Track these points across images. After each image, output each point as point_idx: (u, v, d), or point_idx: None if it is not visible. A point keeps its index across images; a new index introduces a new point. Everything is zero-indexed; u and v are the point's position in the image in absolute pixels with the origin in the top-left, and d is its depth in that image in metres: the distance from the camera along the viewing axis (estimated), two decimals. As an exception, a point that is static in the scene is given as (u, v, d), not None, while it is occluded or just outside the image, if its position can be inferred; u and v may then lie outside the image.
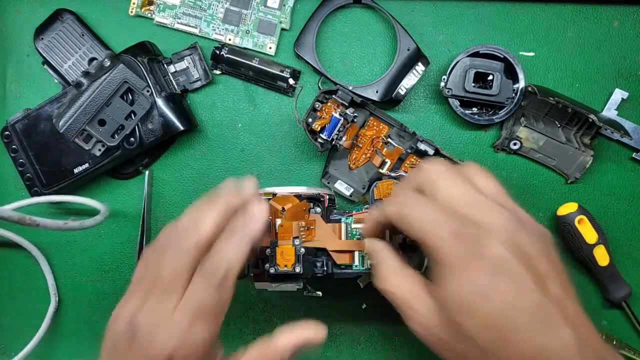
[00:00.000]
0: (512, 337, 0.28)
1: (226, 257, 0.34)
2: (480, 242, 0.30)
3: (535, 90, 0.49)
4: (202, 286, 0.33)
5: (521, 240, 0.30)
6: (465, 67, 0.49)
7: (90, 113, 0.46)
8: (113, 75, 0.47)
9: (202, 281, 0.33)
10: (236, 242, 0.34)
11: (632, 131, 0.51)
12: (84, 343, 0.55)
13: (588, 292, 0.53)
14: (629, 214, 0.53)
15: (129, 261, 0.54)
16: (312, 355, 0.54)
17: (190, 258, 0.34)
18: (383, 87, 0.51)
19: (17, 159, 0.51)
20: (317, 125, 0.48)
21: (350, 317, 0.54)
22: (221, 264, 0.34)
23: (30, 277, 0.55)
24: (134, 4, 0.52)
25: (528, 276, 0.29)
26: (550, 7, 0.52)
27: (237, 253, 0.34)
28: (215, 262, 0.34)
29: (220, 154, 0.54)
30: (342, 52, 0.53)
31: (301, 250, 0.41)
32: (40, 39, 0.51)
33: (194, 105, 0.53)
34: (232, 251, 0.34)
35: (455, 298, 0.30)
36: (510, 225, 0.31)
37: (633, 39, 0.52)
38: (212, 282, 0.33)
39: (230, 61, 0.51)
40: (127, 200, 0.54)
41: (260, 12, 0.52)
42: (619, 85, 0.52)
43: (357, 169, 0.52)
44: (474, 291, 0.29)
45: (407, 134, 0.50)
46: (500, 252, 0.29)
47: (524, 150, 0.52)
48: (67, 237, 0.55)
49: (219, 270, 0.33)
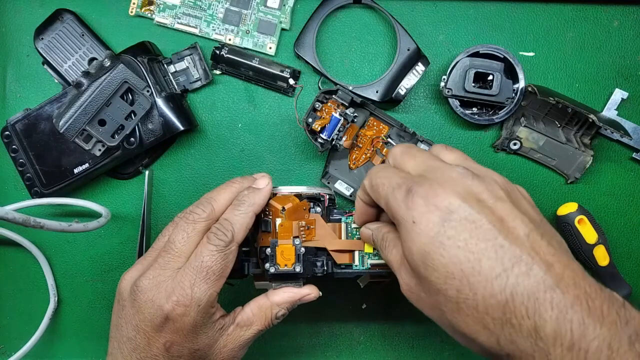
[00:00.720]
0: (477, 283, 0.28)
1: (232, 223, 0.38)
2: (429, 195, 0.30)
3: (535, 90, 0.49)
4: (208, 249, 0.37)
5: (475, 189, 0.30)
6: (465, 67, 0.49)
7: (90, 113, 0.46)
8: (113, 75, 0.47)
9: (208, 244, 0.37)
10: (242, 210, 0.39)
11: (632, 131, 0.51)
12: (84, 343, 0.55)
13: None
14: (629, 214, 0.53)
15: (129, 261, 0.54)
16: (312, 355, 0.54)
17: (201, 226, 0.38)
18: (383, 87, 0.51)
19: (17, 159, 0.51)
20: (317, 125, 0.48)
21: (350, 317, 0.54)
22: (227, 228, 0.38)
23: (30, 276, 0.55)
24: (134, 4, 0.52)
25: (482, 220, 0.29)
26: (550, 7, 0.52)
27: (242, 220, 0.38)
28: (221, 228, 0.38)
29: (220, 154, 0.54)
30: (342, 52, 0.53)
31: (301, 249, 0.41)
32: (40, 39, 0.51)
33: (194, 105, 0.53)
34: (237, 218, 0.38)
35: (414, 253, 0.30)
36: (463, 178, 0.31)
37: (633, 39, 0.52)
38: (217, 246, 0.37)
39: (230, 61, 0.51)
40: (127, 200, 0.54)
41: (260, 12, 0.52)
42: (619, 85, 0.52)
43: (357, 169, 0.52)
44: (428, 242, 0.29)
45: (407, 134, 0.50)
46: (449, 201, 0.29)
47: (524, 150, 0.52)
48: (67, 237, 0.55)
49: (224, 235, 0.37)
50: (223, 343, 0.38)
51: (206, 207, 0.39)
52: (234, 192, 0.40)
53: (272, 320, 0.40)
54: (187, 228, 0.38)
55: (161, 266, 0.37)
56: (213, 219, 0.39)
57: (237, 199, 0.40)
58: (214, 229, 0.38)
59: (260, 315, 0.40)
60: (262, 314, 0.40)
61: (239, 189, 0.41)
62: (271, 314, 0.40)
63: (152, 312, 0.36)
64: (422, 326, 0.54)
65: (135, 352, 0.36)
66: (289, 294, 0.41)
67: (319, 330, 0.54)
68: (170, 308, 0.35)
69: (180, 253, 0.37)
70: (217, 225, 0.38)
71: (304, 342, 0.54)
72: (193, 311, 0.36)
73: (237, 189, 0.41)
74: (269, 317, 0.40)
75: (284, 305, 0.40)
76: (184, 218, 0.38)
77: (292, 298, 0.41)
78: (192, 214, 0.38)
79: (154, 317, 0.36)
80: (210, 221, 0.39)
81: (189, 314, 0.36)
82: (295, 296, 0.41)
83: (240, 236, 0.38)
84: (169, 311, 0.35)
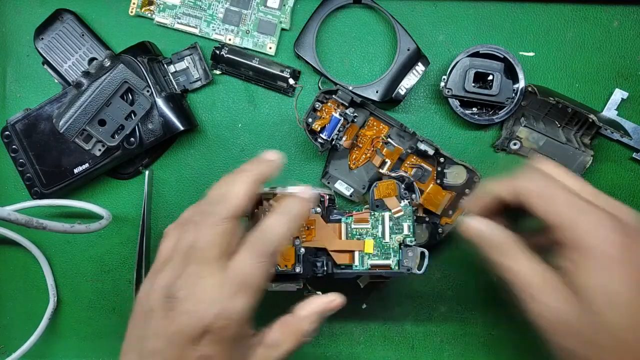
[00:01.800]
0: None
1: (276, 235, 0.35)
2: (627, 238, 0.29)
3: (535, 90, 0.49)
4: (250, 261, 0.34)
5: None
6: (465, 67, 0.49)
7: (90, 113, 0.46)
8: (113, 75, 0.47)
9: (250, 256, 0.34)
10: (287, 222, 0.36)
11: (632, 131, 0.51)
12: (84, 343, 0.55)
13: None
14: (629, 214, 0.53)
15: (129, 261, 0.54)
16: (312, 355, 0.54)
17: (226, 227, 0.34)
18: (383, 87, 0.51)
19: (17, 159, 0.51)
20: (317, 125, 0.48)
21: (350, 317, 0.54)
22: (271, 241, 0.35)
23: (30, 276, 0.55)
24: (134, 4, 0.52)
25: None
26: (550, 7, 0.52)
27: (287, 233, 0.35)
28: (265, 239, 0.35)
29: (220, 154, 0.54)
30: (342, 52, 0.53)
31: (301, 250, 0.41)
32: (40, 39, 0.51)
33: (194, 105, 0.53)
34: (281, 229, 0.35)
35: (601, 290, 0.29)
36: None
37: (633, 39, 0.52)
38: (260, 258, 0.34)
39: (230, 61, 0.51)
40: (127, 200, 0.54)
41: (260, 12, 0.52)
42: (619, 85, 0.52)
43: (357, 169, 0.52)
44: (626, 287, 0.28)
45: (407, 134, 0.50)
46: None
47: (524, 150, 0.52)
48: (67, 237, 0.55)
49: (268, 247, 0.34)
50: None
51: (224, 204, 0.35)
52: (252, 180, 0.36)
53: (301, 337, 0.37)
54: (210, 231, 0.34)
55: (195, 274, 0.34)
56: (237, 216, 0.35)
57: (282, 207, 0.37)
58: (257, 240, 0.35)
59: (287, 334, 0.37)
60: (290, 332, 0.37)
61: (256, 177, 0.37)
62: (299, 331, 0.37)
63: (191, 324, 0.33)
64: (422, 326, 0.54)
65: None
66: (314, 304, 0.38)
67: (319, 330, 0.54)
68: (211, 320, 0.32)
69: (210, 259, 0.34)
70: (259, 235, 0.35)
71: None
72: (233, 324, 0.33)
73: (254, 177, 0.37)
74: (298, 334, 0.37)
75: (311, 318, 0.38)
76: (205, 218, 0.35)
77: (318, 307, 0.38)
78: (211, 215, 0.35)
79: (192, 330, 0.33)
80: (235, 220, 0.35)
81: (230, 327, 0.33)
82: (321, 305, 0.38)
83: (282, 248, 0.36)
84: (210, 323, 0.32)
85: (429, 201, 0.49)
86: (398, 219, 0.43)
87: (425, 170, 0.50)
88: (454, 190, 0.49)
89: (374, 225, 0.43)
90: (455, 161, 0.49)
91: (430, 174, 0.50)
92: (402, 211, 0.43)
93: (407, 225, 0.43)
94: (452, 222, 0.50)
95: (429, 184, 0.50)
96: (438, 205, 0.49)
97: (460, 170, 0.49)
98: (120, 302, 0.55)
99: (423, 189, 0.49)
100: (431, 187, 0.49)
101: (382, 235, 0.43)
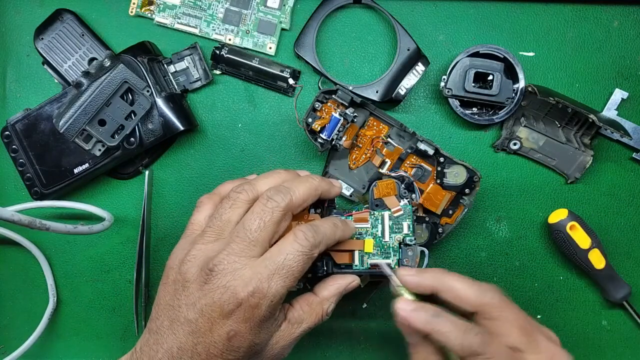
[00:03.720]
0: None
1: (325, 234, 0.38)
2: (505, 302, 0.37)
3: (535, 90, 0.49)
4: (294, 247, 0.36)
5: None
6: (465, 67, 0.49)
7: (90, 113, 0.46)
8: (113, 75, 0.47)
9: (295, 243, 0.36)
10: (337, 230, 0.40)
11: (632, 131, 0.51)
12: (83, 343, 0.55)
13: (587, 293, 0.53)
14: (628, 214, 0.53)
15: (129, 261, 0.54)
16: (312, 355, 0.54)
17: (278, 218, 0.37)
18: (383, 87, 0.51)
19: (17, 159, 0.51)
20: (317, 125, 0.48)
21: (350, 317, 0.54)
22: (318, 233, 0.37)
23: (30, 276, 0.55)
24: (134, 4, 0.52)
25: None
26: (550, 7, 0.52)
27: (333, 237, 0.39)
28: (312, 231, 0.37)
29: (220, 154, 0.54)
30: (342, 52, 0.53)
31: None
32: (40, 39, 0.51)
33: (194, 105, 0.53)
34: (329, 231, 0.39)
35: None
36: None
37: (633, 39, 0.52)
38: (304, 247, 0.36)
39: (230, 61, 0.51)
40: (127, 200, 0.54)
41: (260, 12, 0.52)
42: (619, 85, 0.52)
43: (357, 169, 0.52)
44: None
45: (407, 133, 0.50)
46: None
47: (524, 150, 0.52)
48: (67, 237, 0.55)
49: (314, 238, 0.37)
50: (275, 340, 0.38)
51: (286, 197, 0.38)
52: (313, 189, 0.40)
53: (323, 316, 0.40)
54: (264, 216, 0.37)
55: (236, 252, 0.36)
56: (289, 212, 0.38)
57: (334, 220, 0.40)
58: (305, 229, 0.37)
59: (310, 312, 0.39)
60: (313, 311, 0.39)
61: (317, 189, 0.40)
62: (322, 310, 0.40)
63: (225, 299, 0.35)
64: (422, 326, 0.54)
65: (193, 335, 0.35)
66: (336, 286, 0.41)
67: (319, 330, 0.54)
68: (245, 297, 0.34)
69: (255, 241, 0.36)
70: (308, 227, 0.37)
71: (303, 342, 0.54)
72: (265, 304, 0.35)
73: (316, 188, 0.40)
74: (320, 313, 0.40)
75: (332, 299, 0.40)
76: (261, 204, 0.37)
77: (339, 289, 0.40)
78: (271, 200, 0.37)
79: (225, 304, 0.35)
80: (287, 215, 0.38)
81: (262, 306, 0.35)
82: (342, 286, 0.41)
83: (324, 247, 0.38)
84: (243, 299, 0.34)
85: (429, 201, 0.49)
86: (398, 218, 0.43)
87: (425, 170, 0.50)
88: (454, 190, 0.49)
89: (373, 225, 0.43)
90: (455, 161, 0.49)
91: (430, 173, 0.50)
92: (402, 210, 0.43)
93: (407, 224, 0.43)
94: (452, 222, 0.50)
95: (429, 184, 0.50)
96: (438, 205, 0.49)
97: (460, 169, 0.49)
98: (120, 302, 0.55)
99: (423, 189, 0.49)
100: (431, 187, 0.49)
101: (381, 235, 0.43)
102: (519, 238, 0.53)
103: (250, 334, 0.35)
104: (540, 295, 0.53)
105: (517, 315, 0.36)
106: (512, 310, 0.36)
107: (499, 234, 0.53)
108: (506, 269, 0.53)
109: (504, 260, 0.53)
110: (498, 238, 0.53)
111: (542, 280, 0.53)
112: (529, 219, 0.53)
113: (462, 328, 0.34)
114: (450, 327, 0.35)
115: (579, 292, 0.53)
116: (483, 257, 0.53)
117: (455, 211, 0.50)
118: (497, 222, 0.53)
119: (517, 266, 0.53)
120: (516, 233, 0.53)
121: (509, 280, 0.53)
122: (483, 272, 0.53)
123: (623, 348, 0.53)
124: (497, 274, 0.53)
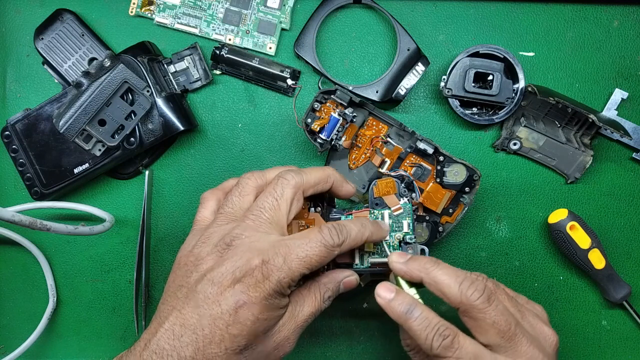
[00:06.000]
0: None
1: (349, 234, 0.38)
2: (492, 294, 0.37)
3: (535, 90, 0.49)
4: (319, 243, 0.36)
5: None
6: (465, 67, 0.49)
7: (90, 113, 0.46)
8: (113, 75, 0.47)
9: (320, 239, 0.36)
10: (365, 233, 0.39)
11: (632, 131, 0.51)
12: (83, 343, 0.55)
13: (587, 293, 0.53)
14: (628, 214, 0.53)
15: (129, 261, 0.54)
16: (312, 355, 0.54)
17: (290, 195, 0.38)
18: (383, 87, 0.51)
19: (17, 159, 0.51)
20: (317, 126, 0.48)
21: (350, 316, 0.54)
22: (343, 233, 0.37)
23: (30, 276, 0.55)
24: (134, 4, 0.52)
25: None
26: (550, 7, 0.52)
27: (358, 239, 0.38)
28: (338, 229, 0.37)
29: (220, 154, 0.54)
30: (342, 52, 0.53)
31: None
32: (40, 39, 0.51)
33: (194, 105, 0.53)
34: (354, 232, 0.38)
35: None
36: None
37: (633, 39, 0.52)
38: (327, 241, 0.36)
39: (230, 61, 0.51)
40: (127, 200, 0.54)
41: (260, 12, 0.52)
42: (619, 85, 0.52)
43: (357, 168, 0.52)
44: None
45: (407, 133, 0.50)
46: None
47: (524, 150, 0.52)
48: (67, 237, 0.55)
49: (338, 236, 0.37)
50: (282, 322, 0.37)
51: (297, 175, 0.39)
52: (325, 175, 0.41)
53: (322, 302, 0.40)
54: (276, 193, 0.38)
55: (252, 227, 0.37)
56: (300, 188, 0.39)
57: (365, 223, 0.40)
58: (331, 226, 0.37)
59: (309, 295, 0.39)
60: (312, 294, 0.39)
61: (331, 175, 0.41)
62: (320, 295, 0.40)
63: (238, 265, 0.35)
64: (422, 326, 0.54)
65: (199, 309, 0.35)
66: (334, 274, 0.41)
67: (319, 330, 0.54)
68: (258, 264, 0.35)
69: (270, 219, 0.37)
70: (335, 225, 0.38)
71: (304, 341, 0.54)
72: (276, 278, 0.35)
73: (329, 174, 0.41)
74: (318, 297, 0.39)
75: (330, 286, 0.40)
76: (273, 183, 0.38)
77: (336, 278, 0.41)
78: (282, 179, 0.38)
79: (238, 270, 0.35)
80: (297, 197, 0.39)
81: (272, 278, 0.35)
82: (339, 276, 0.41)
83: (346, 247, 0.38)
84: (256, 266, 0.34)
85: (429, 200, 0.49)
86: (398, 216, 0.43)
87: (425, 169, 0.50)
88: (454, 189, 0.49)
89: (373, 225, 0.43)
90: (454, 159, 0.49)
91: (430, 172, 0.50)
92: (402, 209, 0.43)
93: (407, 222, 0.43)
94: (452, 221, 0.50)
95: (429, 183, 0.50)
96: (438, 204, 0.49)
97: (460, 168, 0.49)
98: (120, 302, 0.55)
99: (423, 188, 0.49)
100: (431, 186, 0.49)
101: (382, 235, 0.43)
102: (519, 238, 0.53)
103: (256, 307, 0.35)
104: (540, 295, 0.53)
105: (498, 318, 0.36)
106: (492, 313, 0.36)
107: (499, 233, 0.53)
108: (506, 269, 0.53)
109: (504, 260, 0.53)
110: (498, 238, 0.53)
111: (542, 280, 0.53)
112: (529, 219, 0.53)
113: (432, 325, 0.36)
114: (420, 324, 0.36)
115: (578, 292, 0.53)
116: (483, 257, 0.53)
117: (456, 210, 0.50)
118: (497, 222, 0.53)
119: (517, 266, 0.53)
120: (516, 233, 0.53)
121: (509, 280, 0.53)
122: (483, 271, 0.53)
123: (623, 348, 0.53)
124: (497, 274, 0.53)
